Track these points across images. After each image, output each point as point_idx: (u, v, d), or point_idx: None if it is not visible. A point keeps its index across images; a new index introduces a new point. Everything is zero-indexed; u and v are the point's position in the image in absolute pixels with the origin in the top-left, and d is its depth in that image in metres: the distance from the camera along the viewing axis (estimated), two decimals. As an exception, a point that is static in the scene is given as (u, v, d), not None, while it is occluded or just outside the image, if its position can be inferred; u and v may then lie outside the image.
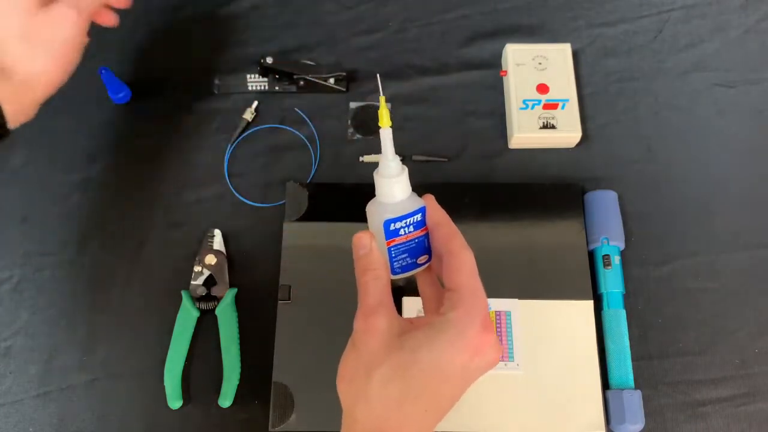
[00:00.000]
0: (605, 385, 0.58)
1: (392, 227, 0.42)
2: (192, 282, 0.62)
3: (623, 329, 0.59)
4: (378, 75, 0.47)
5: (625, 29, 0.73)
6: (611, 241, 0.61)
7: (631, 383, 0.58)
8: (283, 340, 0.59)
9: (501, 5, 0.74)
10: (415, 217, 0.42)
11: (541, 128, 0.66)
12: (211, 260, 0.63)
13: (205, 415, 0.59)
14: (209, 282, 0.62)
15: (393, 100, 0.70)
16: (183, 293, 0.61)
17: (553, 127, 0.66)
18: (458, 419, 0.56)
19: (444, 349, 0.39)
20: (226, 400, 0.58)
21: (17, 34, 0.51)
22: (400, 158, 0.66)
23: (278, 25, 0.74)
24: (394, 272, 0.44)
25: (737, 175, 0.66)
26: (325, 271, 0.61)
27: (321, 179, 0.67)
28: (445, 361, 0.39)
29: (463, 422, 0.56)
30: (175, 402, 0.58)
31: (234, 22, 0.74)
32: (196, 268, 0.63)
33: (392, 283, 0.44)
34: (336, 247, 0.60)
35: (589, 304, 0.60)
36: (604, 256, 0.61)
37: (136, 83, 0.71)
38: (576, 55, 0.71)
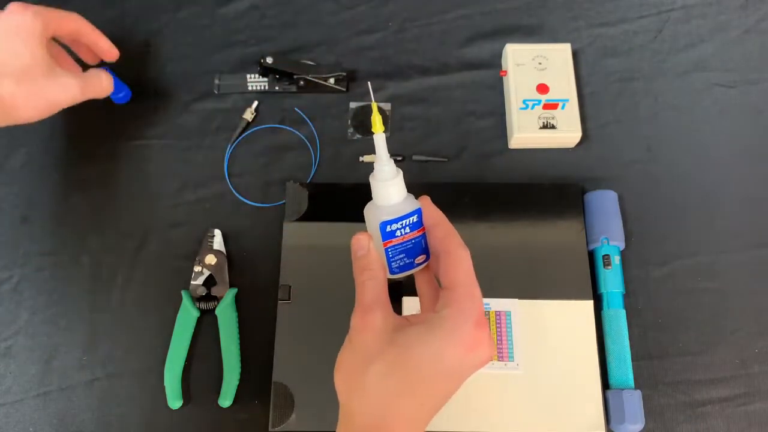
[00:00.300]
0: (605, 385, 0.58)
1: (389, 229, 0.42)
2: (192, 282, 0.62)
3: (623, 329, 0.59)
4: (369, 82, 0.47)
5: (625, 29, 0.73)
6: (611, 241, 0.61)
7: (631, 383, 0.58)
8: (283, 340, 0.59)
9: (501, 5, 0.74)
10: (411, 218, 0.43)
11: (541, 128, 0.66)
12: (211, 260, 0.63)
13: (205, 415, 0.59)
14: (209, 282, 0.62)
15: (393, 100, 0.70)
16: (183, 293, 0.61)
17: (553, 127, 0.66)
18: (458, 419, 0.56)
19: (438, 345, 0.40)
20: (226, 400, 0.58)
21: (16, 75, 0.54)
22: (400, 158, 0.67)
23: (278, 25, 0.74)
24: (392, 272, 0.45)
25: (737, 175, 0.66)
26: (325, 271, 0.61)
27: (321, 179, 0.67)
28: (439, 357, 0.40)
29: (464, 422, 0.56)
30: (175, 402, 0.58)
31: (234, 22, 0.74)
32: (196, 268, 0.63)
33: (390, 281, 0.45)
34: (336, 247, 0.59)
35: (589, 304, 0.60)
36: (604, 256, 0.61)
37: (136, 83, 0.71)
38: (576, 55, 0.71)
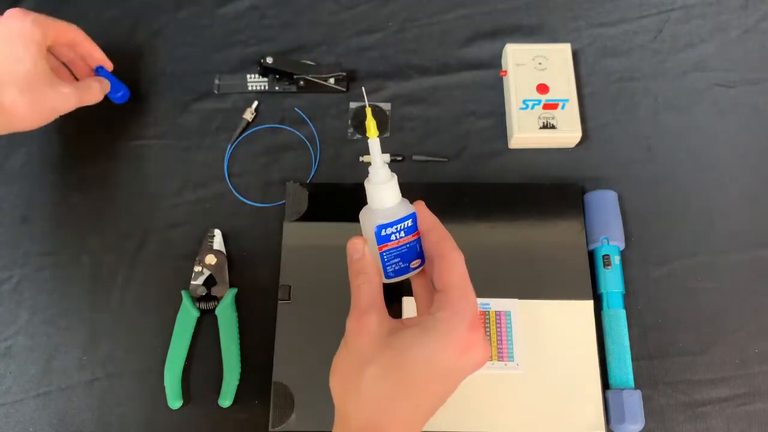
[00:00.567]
0: (605, 385, 0.58)
1: (383, 233, 0.43)
2: (192, 282, 0.62)
3: (623, 329, 0.59)
4: (363, 87, 0.48)
5: (625, 29, 0.73)
6: (611, 241, 0.61)
7: (631, 383, 0.58)
8: (283, 340, 0.59)
9: (501, 5, 0.74)
10: (406, 222, 0.43)
11: (541, 128, 0.66)
12: (211, 260, 0.63)
13: (205, 415, 0.59)
14: (209, 282, 0.62)
15: (393, 100, 0.70)
16: (183, 293, 0.61)
17: (553, 127, 0.66)
18: (458, 419, 0.56)
19: (432, 348, 0.40)
20: (226, 400, 0.58)
21: (18, 84, 0.56)
22: (400, 158, 0.67)
23: (278, 25, 0.74)
24: (387, 276, 0.45)
25: (737, 175, 0.66)
26: (325, 271, 0.61)
27: (321, 179, 0.67)
28: (434, 359, 0.40)
29: (463, 422, 0.56)
30: (175, 402, 0.58)
31: (234, 22, 0.74)
32: (196, 268, 0.63)
33: (389, 284, 0.45)
34: (336, 247, 0.59)
35: (589, 304, 0.60)
36: (604, 256, 0.61)
37: (136, 83, 0.71)
38: (576, 55, 0.71)
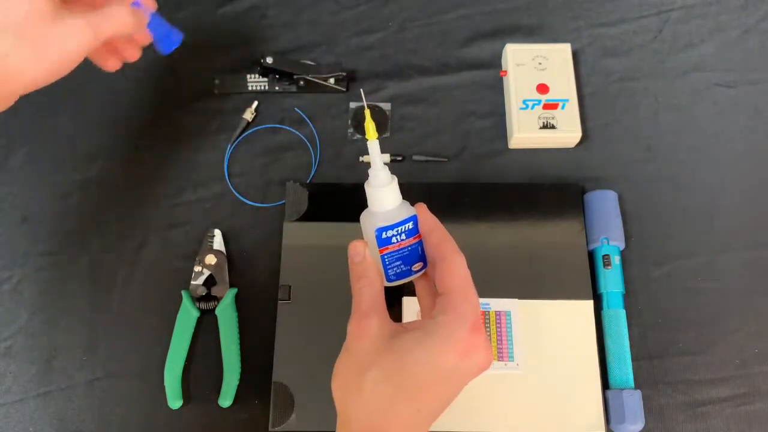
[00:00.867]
0: (605, 385, 0.58)
1: (384, 235, 0.42)
2: (192, 282, 0.62)
3: (623, 329, 0.59)
4: (362, 90, 0.48)
5: (625, 29, 0.73)
6: (611, 241, 0.61)
7: (631, 383, 0.58)
8: (283, 340, 0.59)
9: (501, 5, 0.74)
10: (407, 225, 0.43)
11: (541, 128, 0.66)
12: (211, 260, 0.63)
13: (205, 415, 0.59)
14: (209, 282, 0.62)
15: (393, 100, 0.70)
16: (183, 293, 0.61)
17: (553, 127, 0.66)
18: (458, 419, 0.56)
19: (433, 351, 0.40)
20: (226, 400, 0.58)
21: (13, 29, 0.47)
22: (400, 158, 0.67)
23: (278, 25, 0.74)
24: (389, 279, 0.45)
25: (737, 175, 0.66)
26: (325, 271, 0.61)
27: (321, 179, 0.67)
28: (435, 363, 0.40)
29: (463, 422, 0.56)
30: (175, 402, 0.58)
31: (234, 22, 0.74)
32: (196, 268, 0.63)
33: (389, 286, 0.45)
34: (336, 247, 0.59)
35: (588, 304, 0.60)
36: (604, 256, 0.61)
37: (136, 83, 0.71)
38: (576, 55, 0.71)
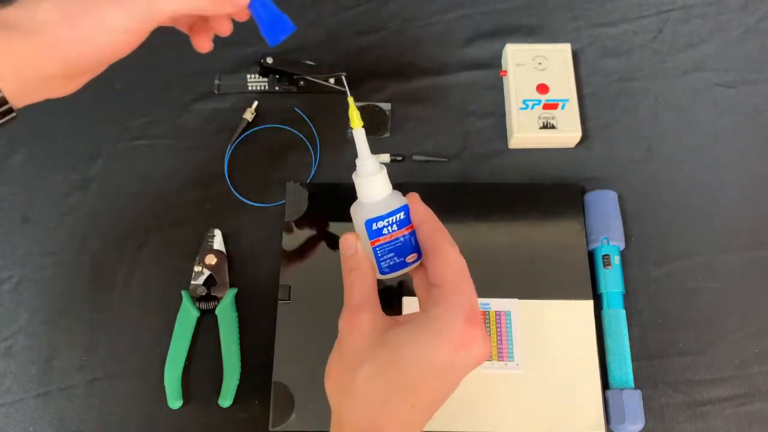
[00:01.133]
0: (605, 385, 0.58)
1: (374, 227, 0.41)
2: (192, 282, 0.62)
3: (623, 329, 0.59)
4: (343, 75, 0.46)
5: (625, 29, 0.73)
6: (611, 241, 0.61)
7: (631, 383, 0.58)
8: (283, 340, 0.59)
9: (501, 5, 0.74)
10: (398, 215, 0.42)
11: (541, 128, 0.66)
12: (211, 260, 0.63)
13: (205, 415, 0.59)
14: (209, 282, 0.62)
15: (393, 100, 0.70)
16: (183, 293, 0.61)
17: (553, 127, 0.66)
18: (458, 419, 0.56)
19: (427, 345, 0.39)
20: (226, 400, 0.58)
21: None
22: (400, 158, 0.67)
23: (278, 25, 0.74)
24: (382, 272, 0.44)
25: (737, 175, 0.66)
26: (325, 271, 0.61)
27: (321, 179, 0.67)
28: (429, 357, 0.38)
29: (463, 422, 0.56)
30: (175, 402, 0.58)
31: (234, 22, 0.74)
32: (196, 268, 0.63)
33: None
34: (336, 247, 0.60)
35: (588, 304, 0.60)
36: (604, 256, 0.61)
37: (135, 83, 0.71)
38: (576, 55, 0.71)
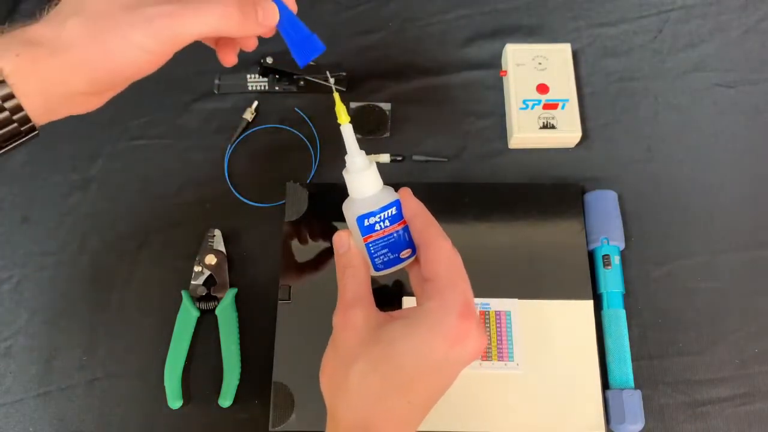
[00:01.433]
0: (605, 385, 0.58)
1: (366, 223, 0.41)
2: (192, 282, 0.62)
3: (623, 329, 0.59)
4: (327, 71, 0.46)
5: (625, 29, 0.73)
6: (611, 241, 0.61)
7: (631, 383, 0.58)
8: (283, 340, 0.59)
9: (501, 5, 0.74)
10: (389, 210, 0.41)
11: (541, 128, 0.66)
12: (211, 260, 0.63)
13: (205, 415, 0.59)
14: (209, 282, 0.62)
15: (393, 100, 0.70)
16: (183, 293, 0.61)
17: (553, 127, 0.66)
18: (458, 419, 0.56)
19: (421, 340, 0.38)
20: (226, 400, 0.58)
21: (86, 13, 0.38)
22: (400, 158, 0.67)
23: (278, 25, 0.74)
24: (377, 268, 0.44)
25: (737, 175, 0.66)
26: (325, 271, 0.61)
27: (321, 179, 0.67)
28: (423, 352, 0.38)
29: (463, 422, 0.56)
30: (175, 402, 0.58)
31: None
32: (196, 268, 0.63)
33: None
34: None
35: (588, 304, 0.60)
36: (604, 256, 0.61)
37: (135, 84, 0.70)
38: (576, 55, 0.71)
